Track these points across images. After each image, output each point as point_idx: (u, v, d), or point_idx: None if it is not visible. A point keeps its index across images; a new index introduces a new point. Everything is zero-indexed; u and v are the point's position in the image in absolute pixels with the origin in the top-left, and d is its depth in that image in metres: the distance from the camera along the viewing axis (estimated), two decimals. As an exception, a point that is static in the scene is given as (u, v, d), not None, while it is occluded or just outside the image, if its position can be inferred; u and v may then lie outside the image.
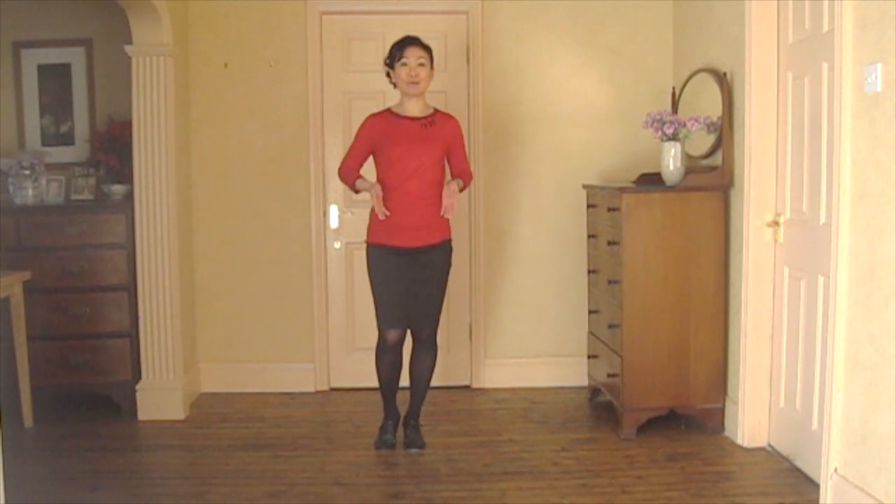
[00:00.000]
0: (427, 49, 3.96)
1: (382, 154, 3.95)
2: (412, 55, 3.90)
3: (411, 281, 3.95)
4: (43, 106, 5.05)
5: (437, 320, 4.08)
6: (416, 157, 3.90)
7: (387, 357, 4.03)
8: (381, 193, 3.85)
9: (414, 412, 4.16)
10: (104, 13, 4.84)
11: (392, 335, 3.99)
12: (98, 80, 5.02)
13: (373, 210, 3.94)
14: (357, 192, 4.06)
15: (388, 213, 3.85)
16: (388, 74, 4.02)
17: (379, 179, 3.95)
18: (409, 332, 4.07)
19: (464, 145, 4.11)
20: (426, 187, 3.92)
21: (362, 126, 4.02)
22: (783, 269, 3.90)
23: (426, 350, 4.09)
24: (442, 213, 3.89)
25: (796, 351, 3.77)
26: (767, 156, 3.94)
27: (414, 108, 3.99)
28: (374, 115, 4.04)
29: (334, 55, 5.04)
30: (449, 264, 4.07)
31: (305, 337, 5.11)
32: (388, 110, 4.05)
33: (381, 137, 3.95)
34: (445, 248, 4.03)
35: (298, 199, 5.05)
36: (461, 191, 4.02)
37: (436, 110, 4.07)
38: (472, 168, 4.20)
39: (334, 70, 5.04)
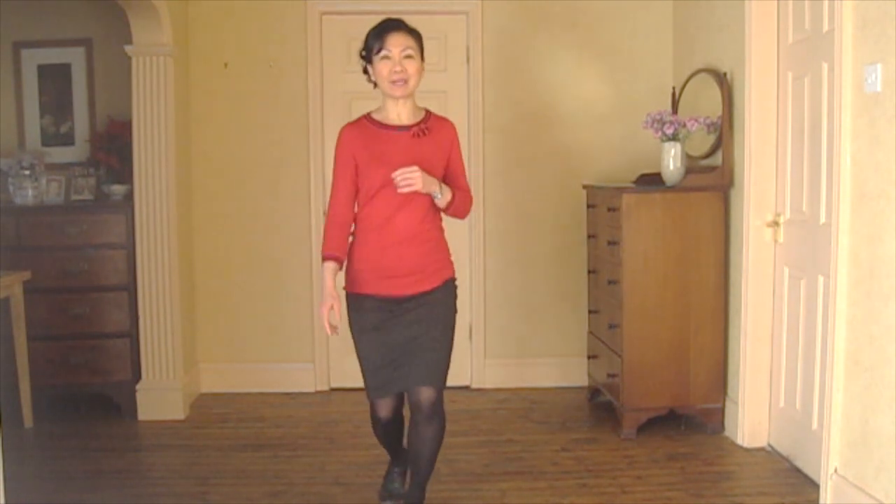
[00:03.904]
0: (415, 35, 3.03)
1: (361, 179, 3.02)
2: (396, 45, 2.96)
3: (404, 330, 3.03)
4: (43, 106, 5.05)
5: (443, 381, 3.06)
6: None
7: (384, 428, 3.25)
8: (328, 309, 2.97)
9: (415, 490, 3.18)
10: (104, 13, 4.85)
11: (384, 407, 3.13)
12: (98, 80, 5.02)
13: (353, 244, 3.08)
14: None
15: (336, 328, 2.98)
16: (365, 70, 3.09)
17: (358, 213, 3.08)
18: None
19: (461, 157, 3.19)
20: (419, 221, 3.01)
21: (338, 144, 3.07)
22: (783, 269, 3.90)
23: (428, 421, 3.06)
24: (393, 175, 2.89)
25: (796, 351, 3.77)
26: (767, 156, 3.94)
27: (401, 114, 3.06)
28: (349, 126, 3.10)
29: (334, 55, 5.04)
30: (453, 308, 3.13)
31: (305, 337, 5.11)
32: (367, 117, 3.10)
33: (360, 156, 3.01)
34: (447, 288, 3.12)
35: (298, 199, 5.05)
36: (445, 208, 3.06)
37: (428, 113, 3.14)
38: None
39: (334, 70, 5.04)
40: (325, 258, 3.04)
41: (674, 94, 4.77)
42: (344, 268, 3.09)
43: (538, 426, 4.43)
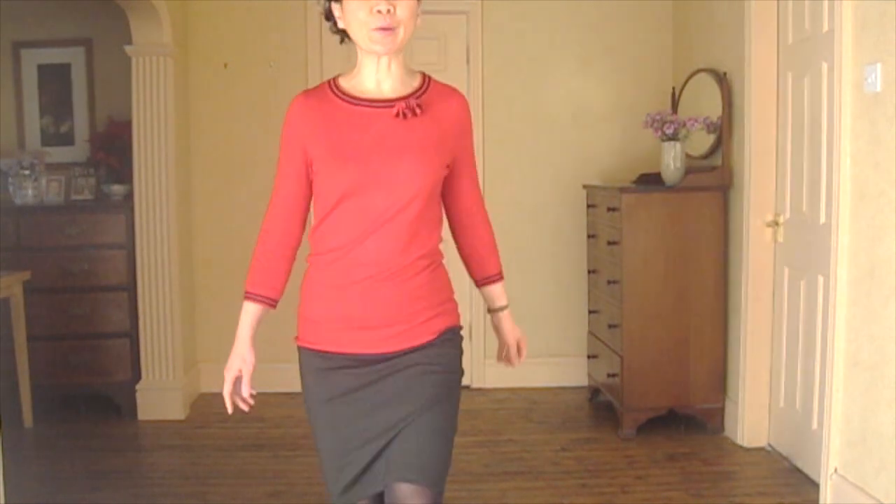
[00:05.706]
0: None
1: (317, 180, 2.02)
2: None
3: (384, 407, 1.98)
4: (43, 106, 5.05)
5: (441, 479, 2.07)
6: (387, 183, 1.92)
7: None
8: (234, 378, 2.16)
9: None
10: (104, 13, 4.84)
11: None
12: (98, 80, 5.02)
13: (305, 279, 2.20)
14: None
15: (247, 401, 2.12)
16: (328, 16, 2.03)
17: (312, 233, 2.07)
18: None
19: (471, 146, 2.12)
20: (402, 250, 1.96)
21: (284, 123, 2.07)
22: (783, 269, 3.90)
23: None
24: (509, 361, 2.29)
25: (796, 351, 3.77)
26: (767, 156, 3.94)
27: (383, 81, 1.98)
28: (302, 97, 2.04)
29: (334, 55, 5.04)
30: (458, 372, 2.07)
31: (305, 337, 5.10)
32: (332, 84, 2.05)
33: (313, 145, 1.99)
34: (449, 343, 2.04)
35: (298, 199, 5.04)
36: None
37: (426, 79, 2.06)
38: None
39: (334, 70, 4.98)
40: (245, 295, 2.20)
41: (674, 94, 4.77)
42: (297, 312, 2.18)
43: (538, 426, 4.43)
